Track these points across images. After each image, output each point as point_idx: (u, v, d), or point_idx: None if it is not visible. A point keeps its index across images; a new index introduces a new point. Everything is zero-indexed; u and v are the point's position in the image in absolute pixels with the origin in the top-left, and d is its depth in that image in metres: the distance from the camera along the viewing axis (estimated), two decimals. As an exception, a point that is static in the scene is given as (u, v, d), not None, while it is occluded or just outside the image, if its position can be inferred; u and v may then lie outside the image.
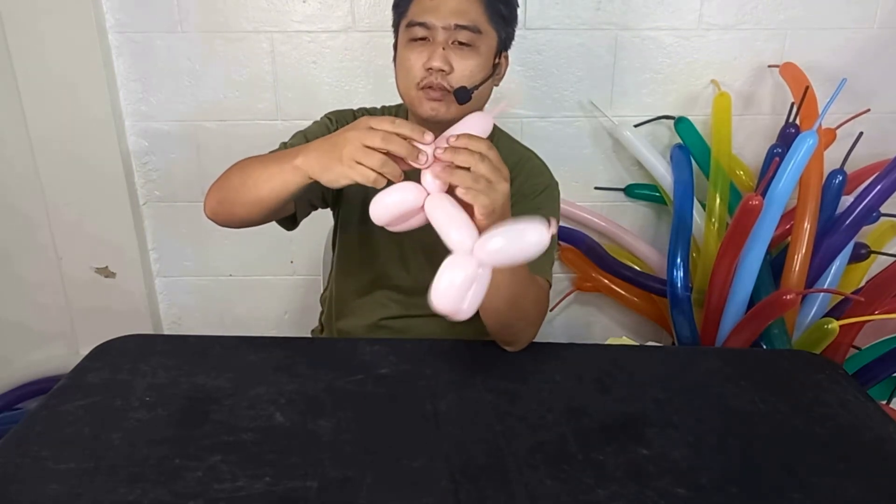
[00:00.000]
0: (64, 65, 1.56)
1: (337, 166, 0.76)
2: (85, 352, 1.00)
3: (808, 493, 0.72)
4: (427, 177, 0.76)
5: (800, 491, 0.73)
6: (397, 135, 0.74)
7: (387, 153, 0.74)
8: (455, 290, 0.71)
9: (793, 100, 1.53)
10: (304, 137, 1.06)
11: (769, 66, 1.64)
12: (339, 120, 1.10)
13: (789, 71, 1.57)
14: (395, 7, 1.03)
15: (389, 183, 0.75)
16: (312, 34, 1.60)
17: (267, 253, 1.79)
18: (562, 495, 0.71)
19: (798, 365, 0.99)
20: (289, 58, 1.62)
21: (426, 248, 1.05)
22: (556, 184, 1.11)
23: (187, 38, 1.60)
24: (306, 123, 1.11)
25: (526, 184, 1.07)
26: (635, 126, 1.66)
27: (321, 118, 1.11)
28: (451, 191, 0.76)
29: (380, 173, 0.74)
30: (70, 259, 1.74)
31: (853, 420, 0.86)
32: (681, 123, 1.64)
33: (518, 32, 1.58)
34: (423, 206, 0.76)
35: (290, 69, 1.63)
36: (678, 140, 1.66)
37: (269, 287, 1.84)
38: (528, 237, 0.71)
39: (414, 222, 0.78)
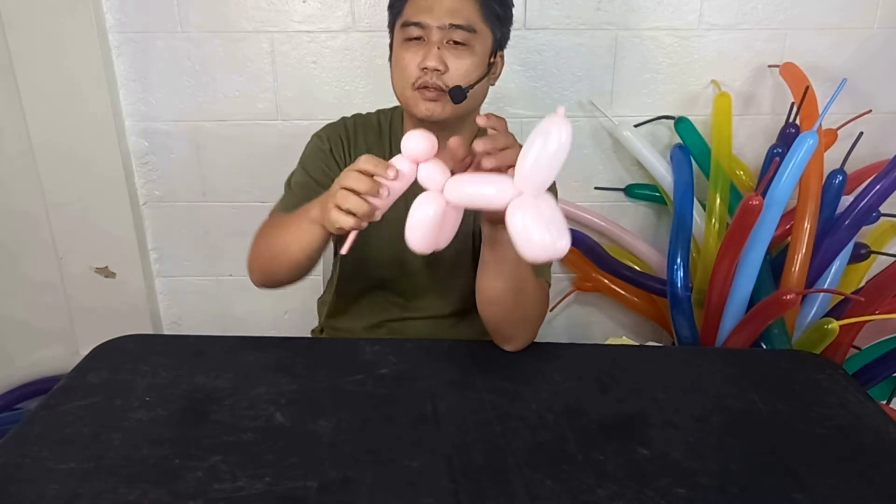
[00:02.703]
0: (64, 65, 1.56)
1: (328, 214, 0.81)
2: (85, 352, 1.00)
3: (808, 493, 0.72)
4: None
5: (800, 491, 0.73)
6: (368, 173, 0.78)
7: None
8: (550, 221, 0.69)
9: (793, 100, 1.53)
10: (303, 169, 1.07)
11: (769, 66, 1.64)
12: (330, 137, 1.09)
13: (789, 71, 1.57)
14: (391, 7, 1.03)
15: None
16: (312, 34, 1.60)
17: (267, 253, 1.79)
18: (562, 495, 0.71)
19: (798, 365, 0.99)
20: (289, 58, 1.62)
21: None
22: (554, 183, 1.10)
23: (187, 38, 1.60)
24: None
25: None
26: (635, 126, 1.66)
27: (313, 138, 1.11)
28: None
29: (356, 215, 0.78)
30: (70, 259, 1.74)
31: (853, 420, 0.86)
32: (681, 123, 1.64)
33: (518, 32, 1.60)
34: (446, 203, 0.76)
35: (290, 69, 1.63)
36: (678, 140, 1.66)
37: (269, 287, 1.84)
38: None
39: (448, 229, 0.78)
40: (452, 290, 1.13)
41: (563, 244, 0.68)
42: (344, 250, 0.82)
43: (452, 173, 0.76)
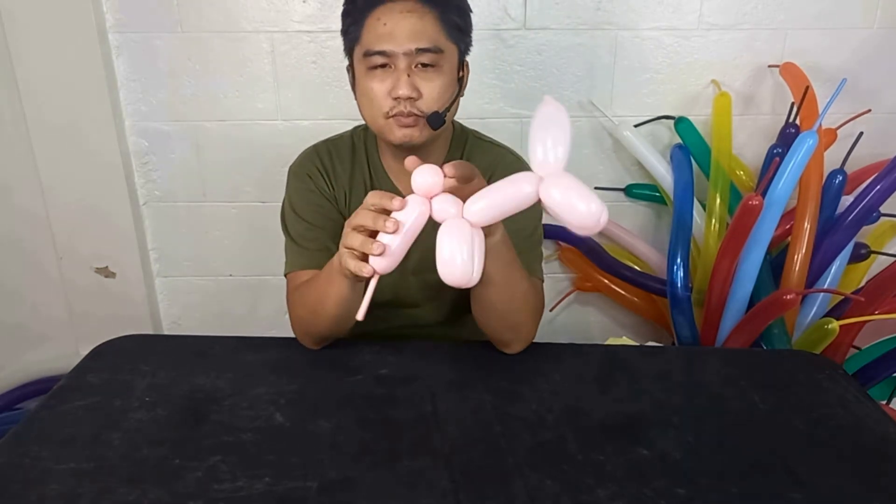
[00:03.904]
0: (64, 65, 1.56)
1: (341, 259, 0.81)
2: (85, 352, 1.00)
3: (808, 493, 0.72)
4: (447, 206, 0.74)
5: (800, 491, 0.73)
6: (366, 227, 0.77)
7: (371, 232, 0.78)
8: (586, 191, 0.68)
9: (793, 100, 1.53)
10: (297, 216, 1.05)
11: (769, 66, 1.64)
12: (309, 173, 1.07)
13: (789, 71, 1.57)
14: (345, 33, 1.00)
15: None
16: (312, 34, 1.60)
17: (267, 253, 1.79)
18: (562, 495, 0.71)
19: (798, 365, 0.99)
20: (289, 58, 1.62)
21: (427, 262, 1.04)
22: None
23: (187, 38, 1.60)
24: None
25: None
26: (635, 126, 1.66)
27: (291, 177, 1.08)
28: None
29: (362, 255, 0.78)
30: (70, 259, 1.74)
31: (853, 420, 0.86)
32: (681, 123, 1.64)
33: (518, 32, 1.60)
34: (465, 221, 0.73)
35: (290, 69, 1.63)
36: (678, 140, 1.66)
37: (269, 287, 1.84)
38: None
39: (480, 254, 0.74)
40: (444, 299, 1.12)
41: (606, 211, 0.67)
42: (359, 316, 0.78)
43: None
